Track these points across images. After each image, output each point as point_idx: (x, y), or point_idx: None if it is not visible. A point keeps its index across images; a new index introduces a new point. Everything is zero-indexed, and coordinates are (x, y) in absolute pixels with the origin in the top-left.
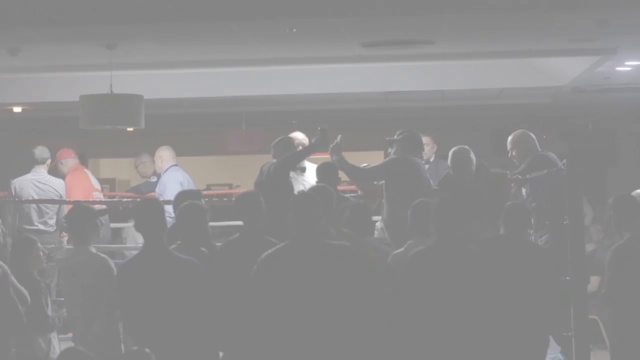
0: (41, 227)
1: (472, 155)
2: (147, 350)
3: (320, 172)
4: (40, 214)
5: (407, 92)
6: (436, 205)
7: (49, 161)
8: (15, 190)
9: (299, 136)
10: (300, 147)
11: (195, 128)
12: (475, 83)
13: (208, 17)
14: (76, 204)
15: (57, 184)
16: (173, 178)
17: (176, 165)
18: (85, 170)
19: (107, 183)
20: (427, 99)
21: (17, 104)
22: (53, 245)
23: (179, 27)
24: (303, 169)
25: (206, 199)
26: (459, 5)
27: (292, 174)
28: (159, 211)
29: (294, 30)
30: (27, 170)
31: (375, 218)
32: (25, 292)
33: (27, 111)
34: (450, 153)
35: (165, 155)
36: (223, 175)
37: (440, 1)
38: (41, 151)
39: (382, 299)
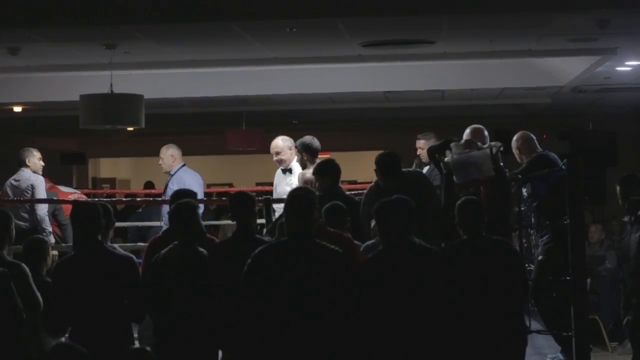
0: (18, 223)
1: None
2: (148, 348)
3: (322, 169)
4: (15, 212)
5: (407, 91)
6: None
7: (28, 160)
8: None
9: (279, 143)
10: (278, 153)
11: (195, 127)
12: (475, 83)
13: (208, 17)
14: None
15: (33, 179)
16: (195, 180)
17: (185, 164)
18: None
19: (108, 182)
20: (427, 99)
21: (17, 104)
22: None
23: (179, 27)
24: (290, 170)
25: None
26: (459, 6)
27: (279, 172)
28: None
29: (294, 30)
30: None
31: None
32: (40, 297)
33: (27, 111)
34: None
35: (177, 154)
36: (223, 175)
37: (440, 1)
38: (20, 153)
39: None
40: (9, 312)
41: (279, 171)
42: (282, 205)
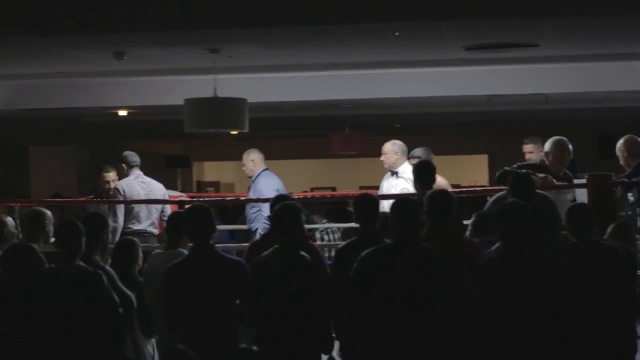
0: (150, 229)
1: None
2: (254, 347)
3: (417, 170)
4: (149, 215)
5: (510, 95)
6: (500, 211)
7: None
8: (123, 192)
9: (388, 147)
10: (384, 154)
11: (299, 131)
12: (579, 86)
13: (311, 21)
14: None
15: (160, 186)
16: (269, 185)
17: (267, 169)
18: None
19: (212, 186)
20: (530, 102)
21: (122, 108)
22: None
23: (282, 31)
24: (397, 173)
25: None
26: (563, 8)
27: (388, 173)
28: (206, 216)
29: (397, 33)
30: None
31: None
32: (131, 295)
33: (132, 115)
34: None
35: (257, 158)
36: (326, 178)
37: (545, 4)
38: (136, 155)
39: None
40: (105, 313)
41: (388, 172)
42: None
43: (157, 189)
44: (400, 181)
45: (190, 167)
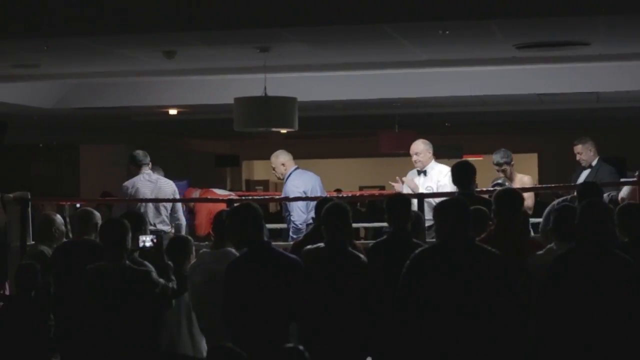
0: (161, 227)
1: None
2: (301, 347)
3: (455, 171)
4: (157, 213)
5: (561, 94)
6: (581, 209)
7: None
8: (129, 191)
9: (421, 147)
10: (417, 154)
11: (348, 130)
12: (631, 85)
13: (360, 19)
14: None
15: (169, 183)
16: (295, 187)
17: (297, 168)
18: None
19: (261, 185)
20: (581, 101)
21: (172, 107)
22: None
23: (332, 30)
24: (425, 172)
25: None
26: (615, 6)
27: (413, 172)
28: (255, 215)
29: (447, 32)
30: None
31: None
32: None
33: (182, 113)
34: None
35: (287, 161)
36: (375, 177)
37: (596, 2)
38: (145, 154)
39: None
40: (156, 311)
41: (413, 171)
42: None
43: (166, 187)
44: (427, 180)
45: (240, 166)
